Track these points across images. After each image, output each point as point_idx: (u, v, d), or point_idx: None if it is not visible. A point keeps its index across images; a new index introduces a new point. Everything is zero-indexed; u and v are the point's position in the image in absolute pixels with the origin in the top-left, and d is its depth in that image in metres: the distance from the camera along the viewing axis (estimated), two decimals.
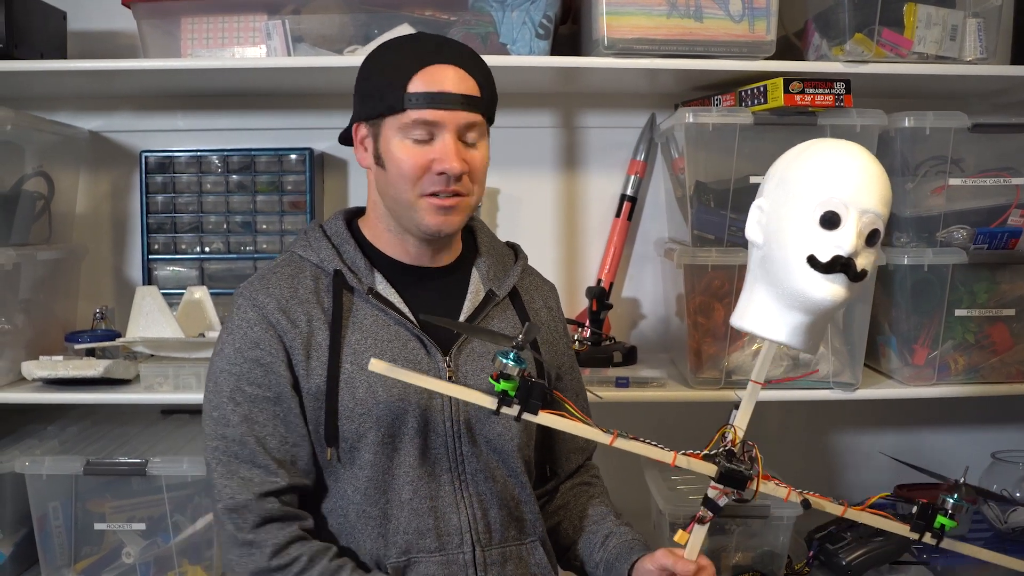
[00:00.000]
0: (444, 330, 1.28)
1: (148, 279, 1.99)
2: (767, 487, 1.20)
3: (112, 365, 1.72)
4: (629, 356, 1.99)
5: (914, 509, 1.25)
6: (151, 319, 1.77)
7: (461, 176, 1.23)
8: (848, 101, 1.72)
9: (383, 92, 1.23)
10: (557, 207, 2.13)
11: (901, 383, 1.81)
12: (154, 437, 1.85)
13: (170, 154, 2.00)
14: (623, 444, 1.17)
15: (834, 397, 1.76)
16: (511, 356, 1.13)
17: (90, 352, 1.80)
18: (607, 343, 1.99)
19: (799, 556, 1.86)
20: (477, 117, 1.24)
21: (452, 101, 1.21)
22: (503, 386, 1.14)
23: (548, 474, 1.47)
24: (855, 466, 2.21)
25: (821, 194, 1.12)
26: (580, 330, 2.00)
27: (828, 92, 1.72)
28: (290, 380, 1.23)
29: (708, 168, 1.77)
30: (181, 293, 1.89)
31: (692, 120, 1.71)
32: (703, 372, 1.78)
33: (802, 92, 1.71)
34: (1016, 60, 1.92)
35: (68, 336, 1.85)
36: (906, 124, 1.71)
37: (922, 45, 1.76)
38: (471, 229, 1.42)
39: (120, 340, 1.78)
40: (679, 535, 1.23)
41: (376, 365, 1.15)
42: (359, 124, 1.29)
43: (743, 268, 1.27)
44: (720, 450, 1.19)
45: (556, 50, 1.83)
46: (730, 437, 1.20)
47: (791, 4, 1.87)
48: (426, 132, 1.22)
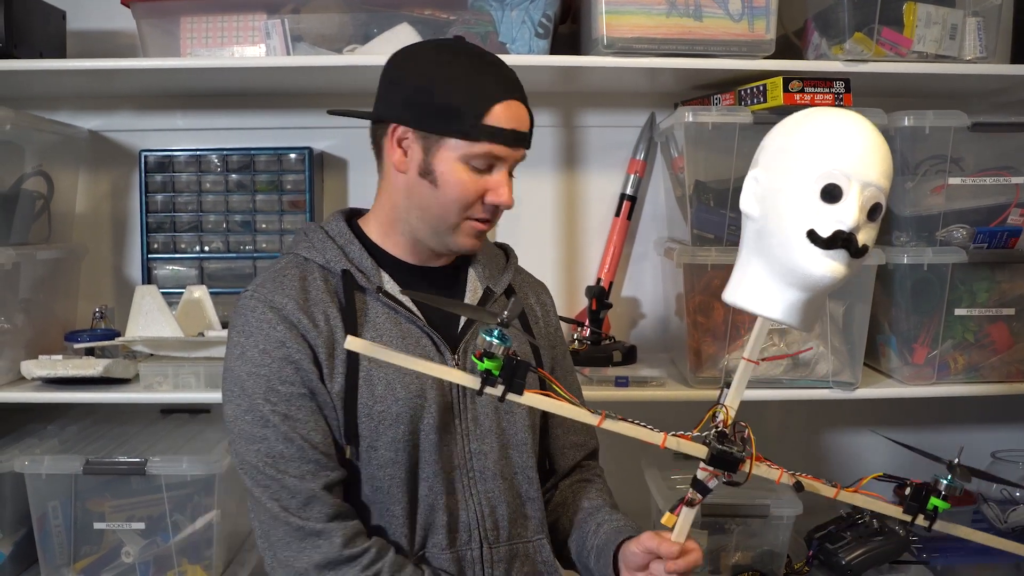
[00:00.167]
0: (453, 327, 1.31)
1: (147, 278, 1.99)
2: (759, 469, 1.16)
3: (112, 364, 1.72)
4: (629, 355, 1.99)
5: (907, 491, 1.22)
6: (150, 318, 1.77)
7: None
8: (848, 100, 1.72)
9: (456, 115, 1.21)
10: (557, 206, 2.13)
11: (901, 382, 1.81)
12: (153, 436, 1.85)
13: (169, 153, 2.00)
14: (611, 425, 1.13)
15: (834, 396, 1.76)
16: (495, 334, 1.06)
17: (89, 351, 1.80)
18: (607, 342, 1.99)
19: (799, 555, 1.86)
20: (526, 152, 1.29)
21: (521, 140, 1.25)
22: (486, 365, 1.07)
23: (548, 467, 1.48)
24: (855, 466, 2.21)
25: (822, 166, 1.06)
26: (580, 329, 2.00)
27: (828, 91, 1.72)
28: (318, 376, 1.23)
29: (708, 167, 1.77)
30: (180, 292, 1.89)
31: (692, 119, 1.71)
32: (703, 371, 1.78)
33: (802, 91, 1.71)
34: (1016, 59, 1.92)
35: (68, 335, 1.85)
36: (906, 123, 1.70)
37: (922, 44, 1.76)
38: None
39: (119, 339, 1.78)
40: (666, 517, 1.20)
41: (352, 343, 1.10)
42: (403, 128, 1.25)
43: None
44: (711, 431, 1.15)
45: (555, 49, 1.83)
46: (721, 417, 1.15)
47: (791, 3, 1.87)
48: (486, 163, 1.24)
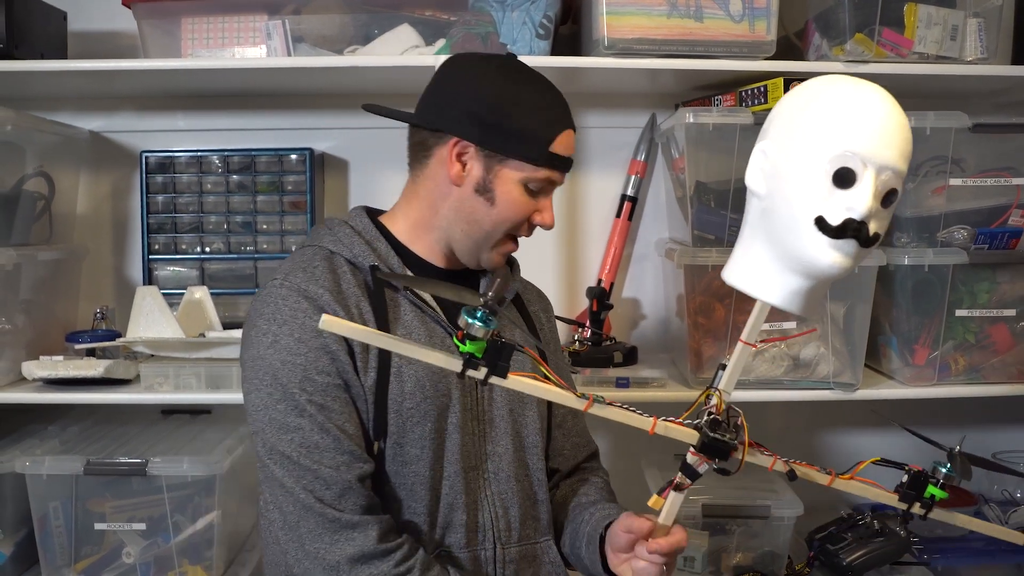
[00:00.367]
0: None
1: (148, 279, 1.99)
2: (752, 456, 1.13)
3: (112, 365, 1.72)
4: (629, 356, 1.99)
5: (904, 478, 1.20)
6: (151, 319, 1.77)
7: None
8: None
9: (526, 140, 1.24)
10: (557, 207, 2.10)
11: (902, 383, 1.81)
12: (154, 437, 1.85)
13: (170, 154, 2.00)
14: (599, 410, 1.11)
15: (835, 398, 1.76)
16: (479, 315, 1.02)
17: (90, 352, 1.81)
18: (607, 343, 1.99)
19: (799, 556, 1.86)
20: None
21: (570, 167, 1.31)
22: (469, 348, 1.04)
23: (549, 469, 1.48)
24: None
25: (835, 146, 0.98)
26: (580, 330, 2.00)
27: None
28: (353, 368, 1.23)
29: (708, 168, 1.77)
30: (181, 293, 1.89)
31: (692, 120, 1.71)
32: (703, 372, 1.78)
33: None
34: (1017, 60, 1.92)
35: (69, 336, 1.85)
36: None
37: (922, 45, 1.76)
38: None
39: (120, 340, 1.78)
40: (653, 500, 1.17)
41: (327, 321, 1.03)
42: (465, 143, 1.25)
43: None
44: (704, 417, 1.11)
45: (556, 50, 1.83)
46: (714, 401, 1.11)
47: (791, 4, 1.87)
48: (541, 187, 1.28)
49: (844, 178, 0.98)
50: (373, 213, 1.38)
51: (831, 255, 1.00)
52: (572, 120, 1.29)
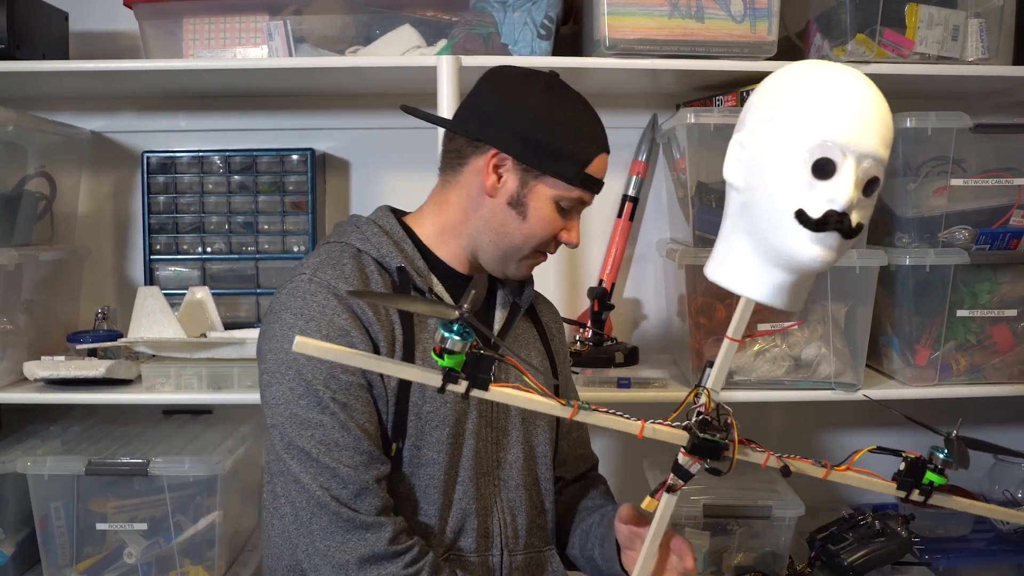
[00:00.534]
0: (487, 328, 1.34)
1: (150, 279, 2.00)
2: (744, 453, 1.11)
3: (114, 365, 1.72)
4: (631, 357, 1.99)
5: (902, 465, 1.18)
6: (153, 319, 1.77)
7: None
8: None
9: (565, 159, 1.26)
10: None
11: (903, 384, 1.81)
12: (156, 437, 1.85)
13: (172, 154, 2.00)
14: (585, 417, 1.08)
15: (836, 398, 1.76)
16: (455, 329, 0.98)
17: (92, 352, 1.81)
18: (609, 344, 1.99)
19: (801, 557, 1.86)
20: None
21: (601, 189, 1.32)
22: (447, 362, 1.00)
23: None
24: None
25: (814, 136, 0.95)
26: (582, 331, 2.00)
27: None
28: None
29: (710, 168, 1.77)
30: (183, 293, 1.89)
31: (694, 120, 1.71)
32: None
33: None
34: (1018, 60, 1.92)
35: (70, 336, 1.85)
36: (908, 124, 1.70)
37: (924, 45, 1.76)
38: None
39: (122, 340, 1.78)
40: (647, 502, 1.16)
41: (300, 343, 0.99)
42: (503, 156, 1.26)
43: None
44: (693, 418, 1.09)
45: (557, 51, 1.83)
46: (702, 400, 1.09)
47: (792, 4, 1.87)
48: (571, 205, 1.29)
49: (824, 169, 0.95)
50: (398, 214, 1.38)
51: (813, 249, 0.97)
52: (608, 144, 1.31)
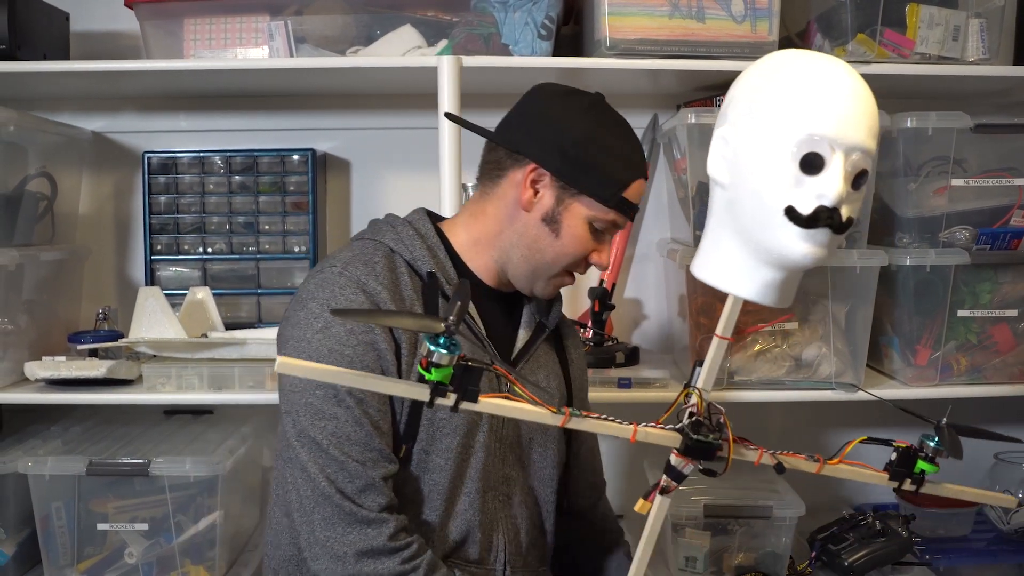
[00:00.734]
0: (508, 344, 1.34)
1: (151, 280, 2.00)
2: (737, 452, 1.10)
3: (115, 366, 1.72)
4: (631, 357, 1.99)
5: (893, 455, 1.18)
6: (154, 320, 1.77)
7: None
8: None
9: (603, 179, 1.25)
10: None
11: (903, 384, 1.81)
12: (157, 437, 1.86)
13: (173, 155, 2.00)
14: (577, 423, 1.07)
15: (836, 398, 1.76)
16: (441, 342, 0.96)
17: (93, 353, 1.81)
18: (609, 344, 1.99)
19: (801, 557, 1.86)
20: None
21: (635, 214, 1.32)
22: (434, 376, 0.98)
23: (563, 505, 1.48)
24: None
25: (800, 131, 0.93)
26: (583, 331, 2.00)
27: None
28: (397, 369, 1.23)
29: None
30: (184, 294, 1.89)
31: (694, 121, 1.71)
32: None
33: None
34: (1018, 60, 1.92)
35: (71, 337, 1.85)
36: (908, 125, 1.70)
37: (924, 46, 1.76)
38: None
39: (123, 341, 1.78)
40: (640, 504, 1.15)
41: (282, 364, 0.97)
42: (542, 171, 1.26)
43: None
44: (685, 419, 1.09)
45: (558, 51, 1.83)
46: (693, 400, 1.09)
47: (793, 4, 1.87)
48: (604, 227, 1.29)
49: (812, 163, 0.93)
50: (434, 218, 1.37)
51: (803, 246, 0.95)
52: (646, 170, 1.31)
